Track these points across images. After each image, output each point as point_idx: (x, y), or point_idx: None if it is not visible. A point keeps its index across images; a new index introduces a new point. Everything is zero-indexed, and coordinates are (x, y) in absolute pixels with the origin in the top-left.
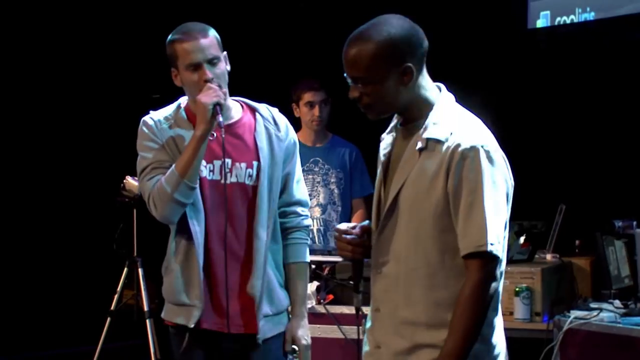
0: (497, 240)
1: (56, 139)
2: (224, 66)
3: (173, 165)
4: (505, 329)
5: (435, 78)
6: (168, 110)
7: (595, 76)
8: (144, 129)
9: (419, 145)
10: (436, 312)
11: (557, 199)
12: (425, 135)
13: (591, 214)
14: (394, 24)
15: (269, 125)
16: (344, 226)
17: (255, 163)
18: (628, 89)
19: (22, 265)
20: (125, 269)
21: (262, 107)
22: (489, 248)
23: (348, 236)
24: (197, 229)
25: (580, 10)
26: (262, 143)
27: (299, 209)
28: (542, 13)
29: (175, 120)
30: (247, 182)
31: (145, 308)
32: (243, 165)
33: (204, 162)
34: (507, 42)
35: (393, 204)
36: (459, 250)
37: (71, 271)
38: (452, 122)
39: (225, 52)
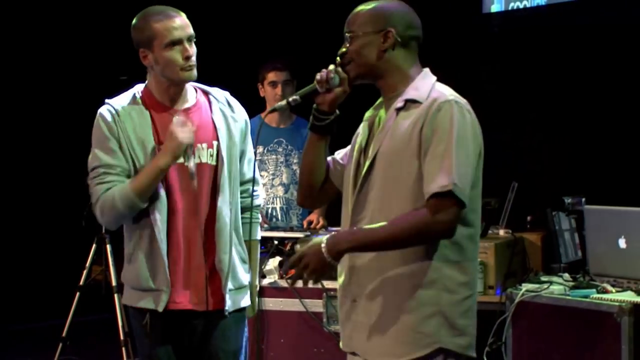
0: (462, 185)
1: (25, 120)
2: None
3: (128, 184)
4: None
5: None
6: (124, 99)
7: (546, 58)
8: (100, 122)
9: (397, 105)
10: (407, 259)
11: (510, 177)
12: (404, 97)
13: (542, 191)
14: (392, 2)
15: (224, 107)
16: None
17: (215, 143)
18: (577, 70)
19: None
20: (94, 245)
21: (215, 90)
22: (453, 188)
23: None
24: (158, 217)
25: None
26: (220, 123)
27: (251, 188)
28: None
29: (131, 110)
30: (209, 162)
31: (113, 283)
32: (204, 145)
33: None
34: (463, 26)
35: (372, 163)
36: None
37: (41, 247)
38: (431, 88)
39: None
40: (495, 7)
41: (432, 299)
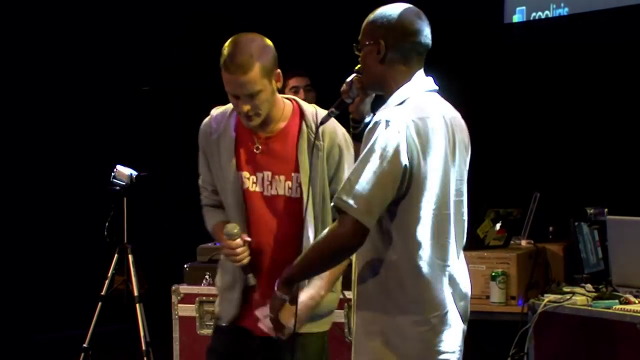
0: (358, 203)
1: (48, 129)
2: (268, 94)
3: (210, 223)
4: (482, 312)
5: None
6: (225, 113)
7: (568, 69)
8: (200, 135)
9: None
10: (371, 271)
11: (532, 187)
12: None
13: (564, 202)
14: (390, 9)
15: (311, 135)
16: None
17: (294, 175)
18: (599, 81)
19: (16, 252)
20: (116, 256)
21: (309, 114)
22: (337, 202)
23: None
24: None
25: (554, 6)
26: (303, 155)
27: None
28: (517, 8)
29: (224, 131)
30: (286, 194)
31: (135, 293)
32: (282, 178)
33: (247, 174)
34: (484, 36)
35: None
36: (378, 226)
37: (64, 258)
38: (397, 104)
39: (278, 70)
40: (517, 17)
41: (375, 316)
